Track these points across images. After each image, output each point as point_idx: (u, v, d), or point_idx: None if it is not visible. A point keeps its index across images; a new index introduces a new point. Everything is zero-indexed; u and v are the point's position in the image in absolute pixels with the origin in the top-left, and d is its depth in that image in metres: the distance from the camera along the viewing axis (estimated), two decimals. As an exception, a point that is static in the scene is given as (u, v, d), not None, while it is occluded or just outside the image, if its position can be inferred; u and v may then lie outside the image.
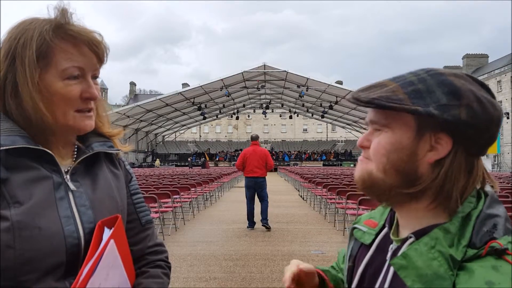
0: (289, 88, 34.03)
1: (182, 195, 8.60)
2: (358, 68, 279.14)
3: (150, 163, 42.82)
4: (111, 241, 0.79)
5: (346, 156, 47.30)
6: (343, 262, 0.83)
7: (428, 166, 0.62)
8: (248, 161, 7.72)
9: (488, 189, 0.65)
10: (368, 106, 0.65)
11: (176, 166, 41.21)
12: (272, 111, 44.69)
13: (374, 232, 0.76)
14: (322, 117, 41.60)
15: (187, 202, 9.13)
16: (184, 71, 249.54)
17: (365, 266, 0.74)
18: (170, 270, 1.01)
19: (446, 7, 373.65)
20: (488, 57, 61.38)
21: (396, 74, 0.70)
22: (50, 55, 0.80)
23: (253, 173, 7.70)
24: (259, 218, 7.59)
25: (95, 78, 0.87)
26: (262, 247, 6.09)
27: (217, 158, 48.47)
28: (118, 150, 0.98)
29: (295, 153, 51.19)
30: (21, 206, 0.74)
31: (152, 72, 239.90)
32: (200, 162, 38.91)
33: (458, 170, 0.62)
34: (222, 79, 30.62)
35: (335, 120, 45.80)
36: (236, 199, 12.80)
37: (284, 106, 45.81)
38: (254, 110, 47.49)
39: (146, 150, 46.35)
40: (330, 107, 34.01)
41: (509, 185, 8.67)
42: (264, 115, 45.05)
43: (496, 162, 37.13)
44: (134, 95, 75.54)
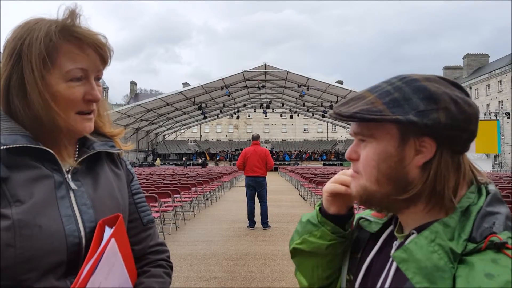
0: (289, 87, 34.06)
1: (182, 195, 8.61)
2: (359, 67, 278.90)
3: (150, 163, 42.86)
4: (112, 240, 0.79)
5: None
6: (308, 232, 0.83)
7: (417, 171, 0.64)
8: (248, 160, 7.74)
9: (492, 187, 0.66)
10: (350, 120, 0.67)
11: (176, 165, 41.24)
12: (272, 111, 44.68)
13: (382, 221, 0.78)
14: (323, 116, 41.63)
15: (188, 201, 9.14)
16: (184, 71, 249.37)
17: (370, 261, 0.75)
18: (172, 269, 1.02)
19: (447, 7, 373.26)
20: (488, 57, 61.35)
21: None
22: (54, 56, 0.80)
23: (253, 172, 7.73)
24: (260, 218, 7.61)
25: (98, 79, 0.87)
26: (263, 247, 6.09)
27: (217, 158, 48.52)
28: (120, 150, 0.98)
29: (296, 152, 51.24)
30: (22, 205, 0.74)
31: (152, 71, 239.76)
32: (200, 161, 38.82)
33: (446, 169, 0.64)
34: (222, 79, 30.64)
35: (332, 118, 45.68)
36: (236, 199, 12.81)
37: (284, 106, 45.81)
38: (255, 110, 47.47)
39: (146, 149, 46.39)
40: (331, 107, 33.98)
41: (509, 185, 8.67)
42: (264, 115, 45.05)
43: (496, 162, 37.12)
44: (134, 95, 75.63)
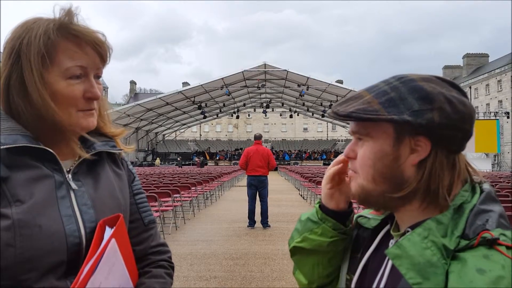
0: (289, 87, 34.04)
1: (182, 194, 8.61)
2: (358, 67, 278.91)
3: (150, 162, 42.84)
4: (112, 240, 0.79)
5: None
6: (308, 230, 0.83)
7: (412, 169, 0.65)
8: (251, 160, 7.76)
9: (486, 186, 0.67)
10: (347, 119, 0.68)
11: (176, 165, 41.20)
12: (272, 110, 44.67)
13: (380, 218, 0.79)
14: (323, 116, 41.59)
15: (188, 201, 9.14)
16: (185, 70, 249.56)
17: (367, 260, 0.76)
18: (173, 270, 1.01)
19: (446, 7, 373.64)
20: (488, 56, 61.32)
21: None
22: (53, 54, 0.80)
23: (255, 171, 7.75)
24: (260, 218, 7.61)
25: (98, 78, 0.87)
26: (262, 246, 6.10)
27: (217, 157, 48.50)
28: (121, 150, 0.97)
29: (296, 152, 51.24)
30: (22, 205, 0.74)
31: (153, 71, 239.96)
32: (199, 161, 38.65)
33: (441, 168, 0.65)
34: (222, 78, 30.61)
35: (330, 117, 45.62)
36: (236, 198, 12.81)
37: (284, 105, 45.80)
38: (255, 109, 47.38)
39: (146, 149, 46.35)
40: (330, 107, 33.93)
41: (509, 184, 8.67)
42: (264, 114, 45.05)
43: (496, 162, 37.13)
44: (134, 94, 75.59)
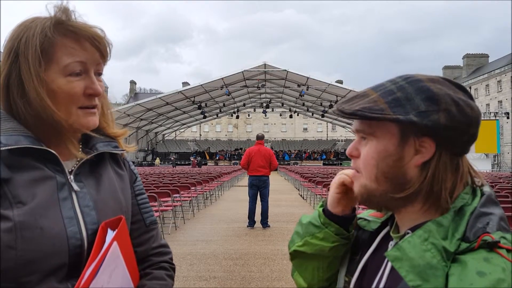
0: (289, 87, 34.05)
1: (182, 194, 8.60)
2: (359, 67, 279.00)
3: (150, 162, 42.83)
4: (114, 243, 0.78)
5: (346, 155, 47.21)
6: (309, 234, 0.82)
7: (416, 170, 0.65)
8: (253, 160, 7.75)
9: (487, 189, 0.66)
10: (352, 117, 0.68)
11: (176, 165, 41.20)
12: (272, 110, 44.74)
13: (380, 220, 0.79)
14: (322, 116, 41.59)
15: (187, 201, 9.14)
16: (185, 70, 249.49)
17: (366, 261, 0.76)
18: (174, 271, 1.01)
19: (447, 7, 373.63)
20: (488, 57, 61.38)
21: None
22: (51, 52, 0.79)
23: (257, 172, 7.74)
24: (260, 218, 7.61)
25: (99, 75, 0.86)
26: (262, 246, 6.10)
27: (217, 157, 48.50)
28: (123, 151, 0.97)
29: (295, 152, 51.26)
30: (23, 206, 0.73)
31: (153, 71, 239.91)
32: (196, 161, 38.42)
33: (444, 170, 0.64)
34: (222, 78, 30.62)
35: (335, 119, 45.82)
36: (236, 198, 12.81)
37: (284, 105, 45.82)
38: (254, 109, 47.41)
39: (146, 148, 46.35)
40: (330, 107, 34.00)
41: (509, 185, 8.66)
42: (264, 114, 45.11)
43: (496, 162, 37.13)
44: (134, 94, 75.59)
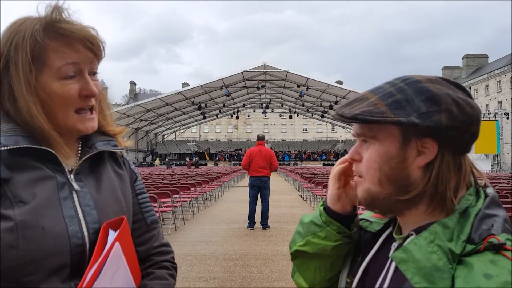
0: (289, 87, 34.05)
1: (182, 195, 8.60)
2: (359, 67, 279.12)
3: (150, 163, 42.83)
4: (116, 243, 0.78)
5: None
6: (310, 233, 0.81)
7: (419, 171, 0.65)
8: (253, 160, 7.75)
9: (490, 191, 0.66)
10: (352, 121, 0.67)
11: (176, 165, 41.20)
12: (272, 111, 44.70)
13: (383, 221, 0.78)
14: (322, 117, 41.63)
15: (187, 201, 9.14)
16: (185, 71, 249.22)
17: (368, 262, 0.75)
18: (176, 270, 1.00)
19: (446, 7, 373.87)
20: (488, 57, 61.38)
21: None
22: (43, 56, 0.78)
23: (257, 172, 7.74)
24: (260, 219, 7.61)
25: (94, 74, 0.85)
26: (262, 247, 6.09)
27: (217, 158, 48.50)
28: (123, 149, 0.97)
29: (295, 152, 51.28)
30: (24, 206, 0.73)
31: (153, 71, 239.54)
32: (190, 161, 38.15)
33: (448, 170, 0.64)
34: (222, 79, 30.62)
35: (335, 120, 45.75)
36: (236, 199, 12.80)
37: (284, 106, 45.80)
38: (254, 110, 47.41)
39: (146, 149, 46.36)
40: (330, 107, 33.99)
41: (508, 185, 8.67)
42: (264, 115, 45.08)
43: (495, 162, 37.16)
44: (134, 95, 75.56)
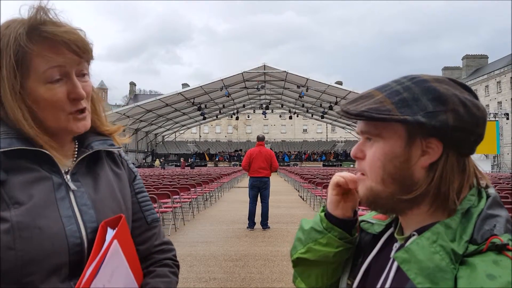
0: (289, 88, 34.06)
1: (182, 196, 8.60)
2: (359, 68, 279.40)
3: (150, 163, 42.81)
4: (115, 241, 0.78)
5: (346, 156, 47.30)
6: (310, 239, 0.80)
7: (423, 171, 0.64)
8: (254, 161, 7.74)
9: (492, 191, 0.66)
10: (358, 118, 0.67)
11: (175, 166, 41.18)
12: (272, 112, 44.67)
13: (384, 223, 0.78)
14: (322, 117, 41.63)
15: (187, 202, 9.13)
16: (185, 72, 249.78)
17: (369, 263, 0.75)
18: (179, 268, 1.00)
19: (446, 8, 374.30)
20: (487, 58, 61.42)
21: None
22: (27, 61, 0.77)
23: (258, 173, 7.74)
24: (260, 219, 7.60)
25: (83, 75, 0.84)
26: (262, 248, 6.09)
27: (217, 158, 48.50)
28: (119, 148, 0.96)
29: (295, 153, 51.29)
30: (20, 207, 0.73)
31: (153, 72, 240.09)
32: (184, 162, 37.80)
33: (452, 171, 0.64)
34: (222, 79, 30.63)
35: (335, 120, 45.85)
36: (236, 199, 12.80)
37: (284, 107, 45.81)
38: (254, 111, 47.47)
39: (146, 150, 46.36)
40: (330, 108, 33.99)
41: (509, 186, 8.66)
42: (264, 116, 45.03)
43: (495, 163, 37.13)
44: (134, 95, 75.55)
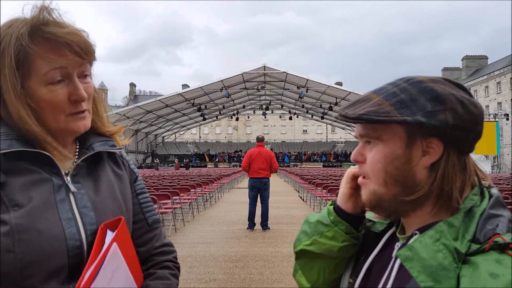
0: (289, 89, 34.06)
1: (181, 196, 8.59)
2: (359, 69, 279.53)
3: (150, 164, 42.79)
4: (114, 244, 0.78)
5: (346, 157, 47.30)
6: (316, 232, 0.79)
7: (425, 171, 0.65)
8: (253, 162, 7.74)
9: (495, 191, 0.66)
10: (357, 122, 0.67)
11: (181, 166, 41.11)
12: (272, 112, 44.74)
13: (386, 222, 0.78)
14: (322, 118, 41.63)
15: (187, 203, 9.12)
16: (185, 73, 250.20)
17: (371, 262, 0.75)
18: (179, 270, 0.99)
19: (446, 8, 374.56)
20: (487, 58, 61.35)
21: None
22: (29, 62, 0.76)
23: (258, 174, 7.74)
24: (260, 220, 7.60)
25: (85, 76, 0.83)
26: (262, 249, 6.08)
27: (217, 159, 48.49)
28: (120, 149, 0.96)
29: (295, 154, 51.26)
30: (20, 209, 0.73)
31: (154, 73, 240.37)
32: (178, 163, 37.74)
33: (453, 169, 0.64)
34: (222, 80, 30.63)
35: (335, 121, 45.81)
36: (236, 200, 12.80)
37: (284, 107, 45.82)
38: (254, 111, 47.41)
39: (146, 151, 46.35)
40: (330, 108, 33.98)
41: (508, 186, 8.66)
42: (264, 116, 45.04)
43: (495, 163, 37.13)
44: (134, 96, 75.52)
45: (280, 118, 57.01)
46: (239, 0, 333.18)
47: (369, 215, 0.82)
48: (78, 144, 0.90)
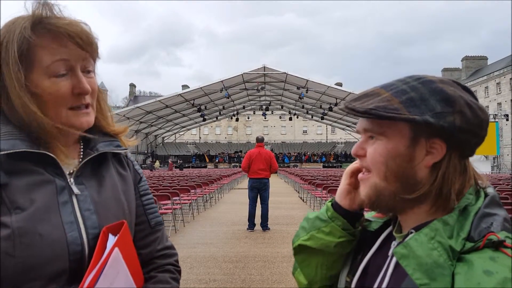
0: (289, 89, 34.05)
1: (181, 197, 8.59)
2: (358, 69, 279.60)
3: (143, 165, 42.76)
4: (116, 249, 0.77)
5: (346, 157, 47.30)
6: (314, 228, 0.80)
7: (426, 171, 0.65)
8: (253, 162, 7.74)
9: (490, 190, 0.66)
10: (365, 116, 0.66)
11: (175, 167, 41.13)
12: (272, 113, 44.71)
13: (382, 220, 0.78)
14: (322, 118, 41.61)
15: (187, 204, 9.12)
16: (186, 73, 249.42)
17: (368, 261, 0.75)
18: (180, 274, 0.98)
19: (445, 8, 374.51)
20: (487, 59, 61.40)
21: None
22: (32, 54, 0.77)
23: (257, 174, 7.74)
24: (260, 221, 7.60)
25: (88, 72, 0.83)
26: (262, 249, 6.08)
27: (217, 160, 48.50)
28: (126, 149, 0.95)
29: (295, 154, 51.24)
30: (22, 212, 0.72)
31: (154, 74, 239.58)
32: (172, 163, 37.59)
33: (454, 172, 0.65)
34: (222, 81, 30.62)
35: (335, 121, 45.84)
36: (236, 201, 12.79)
37: (284, 108, 45.81)
38: (254, 112, 47.37)
39: (146, 151, 46.35)
40: (330, 109, 33.98)
41: (508, 186, 8.66)
42: (264, 117, 45.05)
43: (495, 164, 37.11)
44: (134, 97, 75.49)
45: (280, 118, 57.03)
46: (240, 1, 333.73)
47: (368, 216, 0.83)
48: (82, 144, 0.90)
